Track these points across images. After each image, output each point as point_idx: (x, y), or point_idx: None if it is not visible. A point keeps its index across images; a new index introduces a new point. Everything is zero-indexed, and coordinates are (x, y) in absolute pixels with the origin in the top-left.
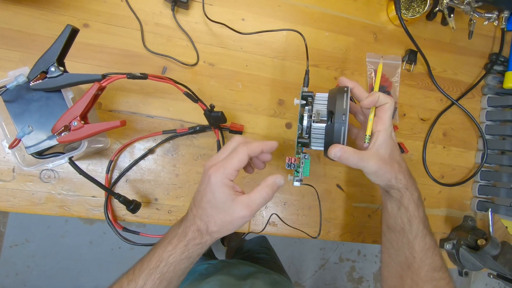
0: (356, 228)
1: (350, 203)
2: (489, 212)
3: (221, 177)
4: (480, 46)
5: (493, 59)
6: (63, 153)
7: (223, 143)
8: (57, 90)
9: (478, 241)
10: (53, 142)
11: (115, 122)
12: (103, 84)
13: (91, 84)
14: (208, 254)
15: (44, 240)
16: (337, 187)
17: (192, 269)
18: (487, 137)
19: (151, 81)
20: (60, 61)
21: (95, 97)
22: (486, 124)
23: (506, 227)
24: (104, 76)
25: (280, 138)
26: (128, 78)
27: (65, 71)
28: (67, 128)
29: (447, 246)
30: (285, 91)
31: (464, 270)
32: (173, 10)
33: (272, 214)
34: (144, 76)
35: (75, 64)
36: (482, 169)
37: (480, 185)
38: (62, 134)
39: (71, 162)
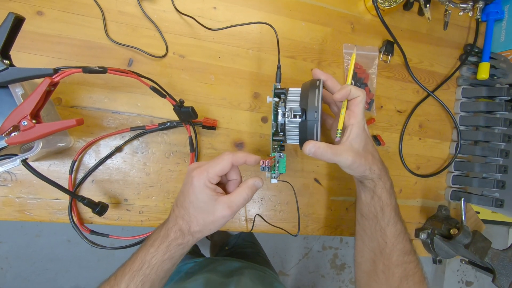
0: (334, 221)
1: (328, 197)
2: (462, 202)
3: (204, 180)
4: (455, 37)
5: (467, 50)
6: (16, 155)
7: (196, 140)
8: (4, 86)
9: (451, 230)
10: (2, 143)
11: (71, 121)
12: (55, 79)
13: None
14: (195, 252)
15: (18, 240)
16: (315, 181)
17: (177, 268)
18: (461, 128)
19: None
20: (5, 54)
21: (48, 93)
22: (460, 115)
23: (478, 212)
24: (56, 71)
25: (256, 133)
26: (84, 72)
27: (11, 65)
28: (16, 128)
29: (422, 235)
30: (261, 84)
31: (438, 258)
32: None
33: (256, 215)
34: (103, 70)
35: (29, 56)
36: (456, 159)
37: (454, 175)
38: (12, 135)
39: (26, 164)
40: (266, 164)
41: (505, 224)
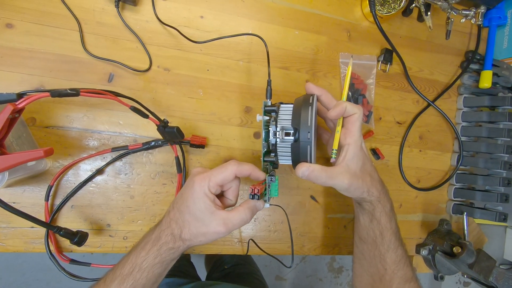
0: (331, 240)
1: (325, 214)
2: (465, 216)
3: (204, 188)
4: (456, 44)
5: (469, 57)
6: None
7: (183, 159)
8: None
9: (454, 248)
10: None
11: (38, 151)
12: (19, 106)
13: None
14: (192, 275)
15: None
16: (311, 199)
17: None
18: (463, 138)
19: None
20: None
21: (12, 120)
22: (462, 126)
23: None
24: (20, 96)
25: (248, 149)
26: (53, 96)
27: None
28: None
29: (423, 252)
30: (253, 98)
31: (439, 275)
32: (117, 6)
33: (249, 240)
34: (75, 93)
35: None
36: (458, 171)
37: (455, 188)
38: None
39: None
40: (256, 192)
41: (503, 225)
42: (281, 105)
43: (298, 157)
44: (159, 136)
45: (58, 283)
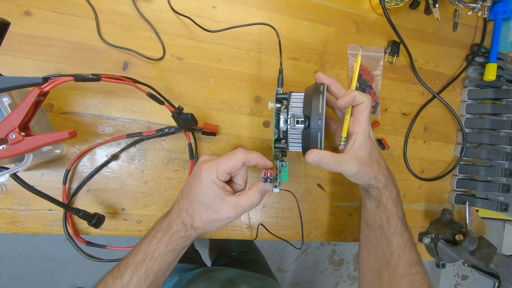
0: (337, 227)
1: (331, 202)
2: (466, 206)
3: (212, 176)
4: (462, 37)
5: (474, 50)
6: (6, 168)
7: (195, 146)
8: None
9: (456, 236)
10: None
11: (62, 133)
12: (45, 89)
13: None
14: (196, 261)
15: (13, 240)
16: (317, 187)
17: (180, 276)
18: (467, 130)
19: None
20: None
21: (37, 103)
22: (466, 117)
23: (477, 210)
24: (45, 79)
25: (257, 138)
26: (76, 81)
27: None
28: (4, 141)
29: (425, 240)
30: (263, 87)
31: (441, 262)
32: None
33: (258, 225)
34: (96, 78)
35: (16, 60)
36: (461, 162)
37: (458, 178)
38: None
39: (16, 178)
40: (269, 175)
41: (501, 220)
42: (292, 94)
43: (308, 143)
44: (172, 124)
45: (63, 272)
